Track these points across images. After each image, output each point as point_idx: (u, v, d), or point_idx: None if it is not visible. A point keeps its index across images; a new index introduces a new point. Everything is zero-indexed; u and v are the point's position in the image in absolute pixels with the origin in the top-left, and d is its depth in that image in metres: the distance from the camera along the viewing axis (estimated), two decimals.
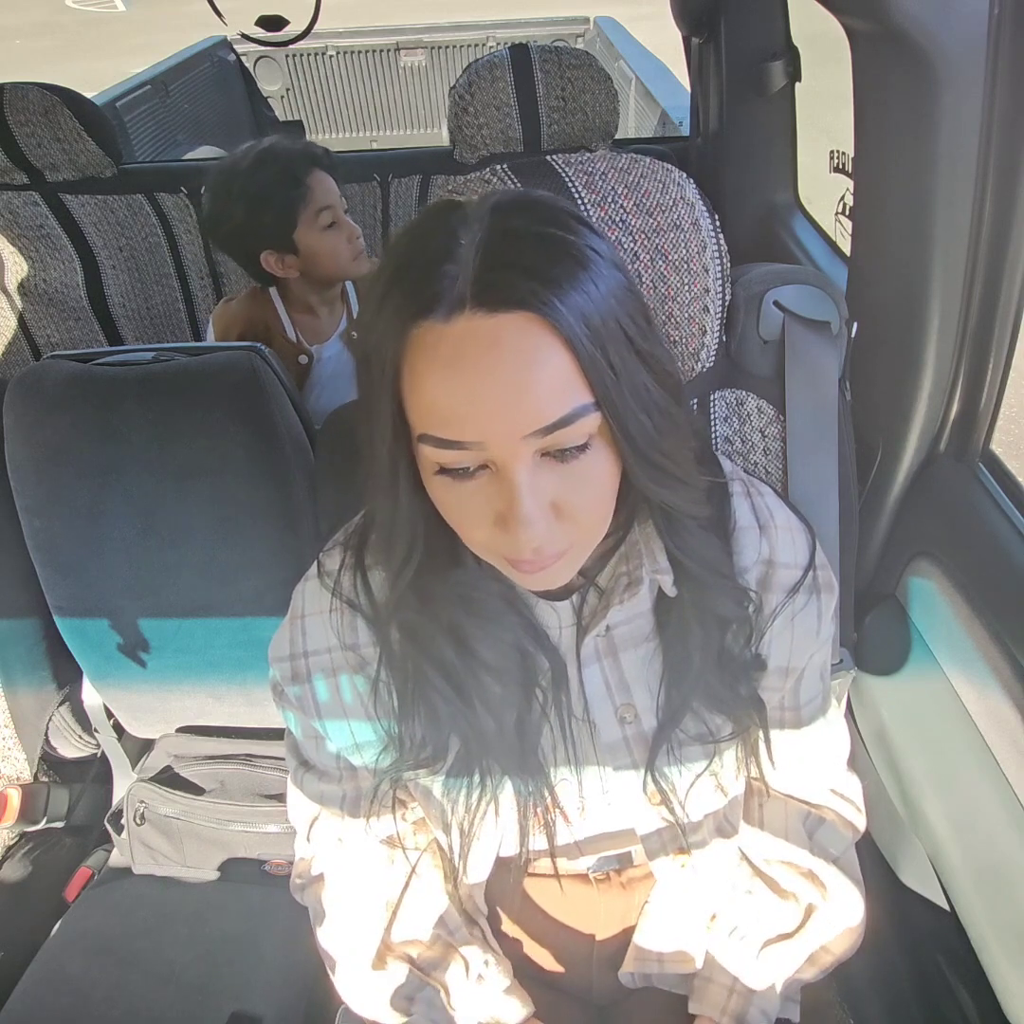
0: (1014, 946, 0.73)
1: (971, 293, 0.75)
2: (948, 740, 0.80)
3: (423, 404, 0.42)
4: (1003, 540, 0.75)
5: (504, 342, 0.40)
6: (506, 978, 0.68)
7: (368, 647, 0.57)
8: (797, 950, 0.67)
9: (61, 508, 0.93)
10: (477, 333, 0.40)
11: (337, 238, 1.22)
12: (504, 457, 0.42)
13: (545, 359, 0.41)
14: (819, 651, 0.63)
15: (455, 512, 0.46)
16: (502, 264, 0.40)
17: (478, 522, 0.46)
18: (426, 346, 0.41)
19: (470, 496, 0.45)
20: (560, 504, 0.45)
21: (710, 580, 0.54)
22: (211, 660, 1.00)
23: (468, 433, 0.42)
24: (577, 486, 0.45)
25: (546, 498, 0.44)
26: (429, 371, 0.41)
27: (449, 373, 0.41)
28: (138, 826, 1.08)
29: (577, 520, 0.46)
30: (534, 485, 0.43)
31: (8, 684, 1.05)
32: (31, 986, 0.94)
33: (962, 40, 0.64)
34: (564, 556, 0.47)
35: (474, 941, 0.68)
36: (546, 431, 0.42)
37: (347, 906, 0.68)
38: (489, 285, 0.40)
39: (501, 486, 0.44)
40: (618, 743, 0.59)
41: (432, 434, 0.43)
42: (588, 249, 0.42)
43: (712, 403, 0.73)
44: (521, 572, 0.48)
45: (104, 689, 1.07)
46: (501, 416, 0.41)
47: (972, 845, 0.79)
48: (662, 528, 0.52)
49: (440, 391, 0.41)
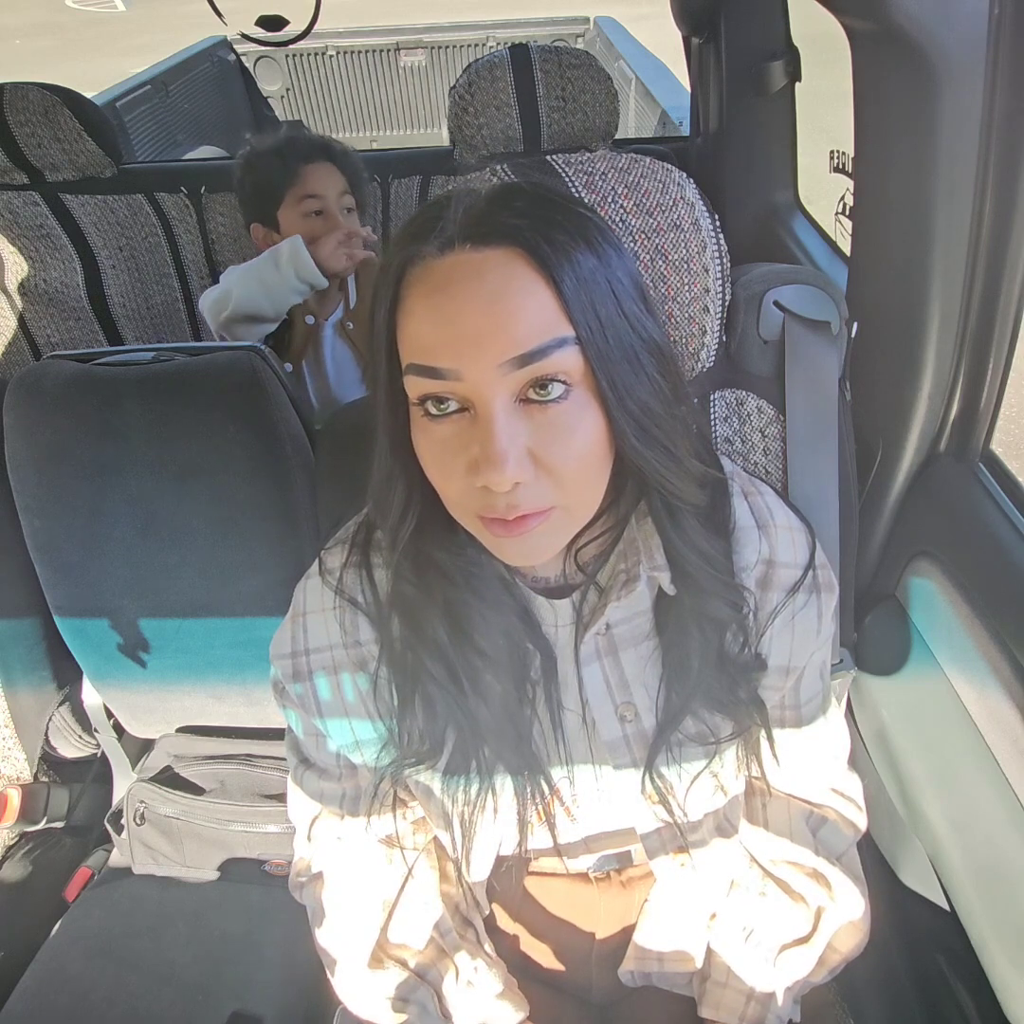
0: (1014, 946, 0.73)
1: (971, 293, 0.75)
2: (948, 740, 0.80)
3: (410, 334, 0.45)
4: (1003, 540, 0.74)
5: (488, 272, 0.43)
6: (498, 983, 0.68)
7: (369, 644, 0.57)
8: (812, 954, 0.67)
9: (61, 508, 0.93)
10: (464, 264, 0.43)
11: (318, 228, 1.25)
12: (480, 390, 0.43)
13: (527, 291, 0.43)
14: (819, 650, 0.63)
15: (433, 462, 0.47)
16: (494, 204, 0.44)
17: (453, 471, 0.45)
18: (418, 280, 0.44)
19: (447, 441, 0.45)
20: (539, 454, 0.44)
21: (707, 577, 0.53)
22: (211, 660, 1.00)
23: (444, 359, 0.43)
24: (558, 436, 0.45)
25: (522, 440, 0.44)
26: (418, 301, 0.44)
27: (434, 301, 0.43)
28: (138, 826, 1.08)
29: (560, 476, 0.45)
30: (509, 425, 0.44)
31: (8, 684, 1.05)
32: (31, 986, 0.94)
33: (962, 40, 0.64)
34: (544, 518, 0.46)
35: (464, 946, 0.68)
36: (522, 360, 0.42)
37: (345, 905, 0.68)
38: (478, 220, 0.44)
39: (476, 426, 0.44)
40: (618, 741, 0.59)
41: (415, 362, 0.44)
42: (582, 216, 0.45)
43: (712, 403, 0.73)
44: (495, 536, 0.46)
45: (104, 689, 1.07)
46: (474, 343, 0.42)
47: (972, 845, 0.79)
48: (663, 518, 0.52)
49: (424, 318, 0.44)
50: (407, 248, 0.45)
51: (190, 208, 1.67)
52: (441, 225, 0.44)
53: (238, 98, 3.28)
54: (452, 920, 0.69)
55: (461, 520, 0.49)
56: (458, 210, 0.44)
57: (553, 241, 0.43)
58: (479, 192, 0.45)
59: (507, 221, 0.43)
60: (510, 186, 0.47)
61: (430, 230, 0.44)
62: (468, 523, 0.48)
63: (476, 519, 0.47)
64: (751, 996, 0.68)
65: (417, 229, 0.45)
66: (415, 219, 0.46)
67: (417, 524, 0.51)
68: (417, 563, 0.52)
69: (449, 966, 0.67)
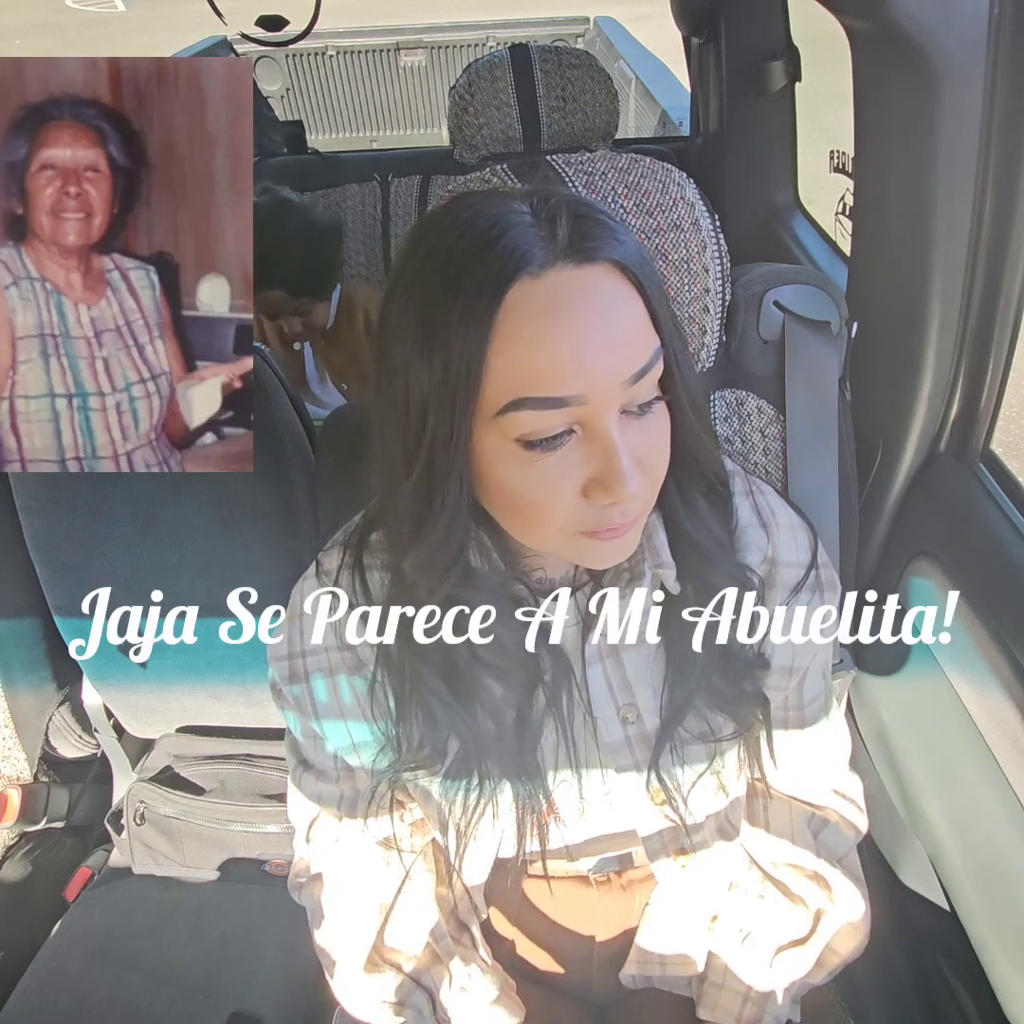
0: (1014, 946, 0.73)
1: (971, 293, 0.75)
2: (948, 740, 0.80)
3: (517, 365, 0.41)
4: (1003, 540, 0.74)
5: (595, 290, 0.42)
6: (493, 988, 0.68)
7: (365, 648, 0.57)
8: (809, 956, 0.67)
9: (61, 508, 0.93)
10: (570, 283, 0.41)
11: None
12: (599, 412, 0.42)
13: (627, 305, 0.43)
14: (822, 650, 0.63)
15: (534, 492, 0.44)
16: (586, 219, 0.43)
17: (562, 497, 0.44)
18: (518, 304, 0.41)
19: (553, 468, 0.44)
20: (642, 460, 0.45)
21: (716, 558, 0.54)
22: (211, 660, 1.00)
23: (569, 386, 0.41)
24: (653, 440, 0.46)
25: (632, 454, 0.44)
26: (524, 327, 0.41)
27: (546, 325, 0.41)
28: (138, 826, 1.08)
29: (655, 476, 0.47)
30: (624, 440, 0.43)
31: (8, 684, 1.05)
32: (31, 986, 0.94)
33: (962, 40, 0.64)
34: (639, 518, 0.48)
35: (459, 951, 0.68)
36: (637, 376, 0.43)
37: (342, 907, 0.68)
38: (581, 238, 0.42)
39: (591, 448, 0.43)
40: (620, 743, 0.59)
41: (529, 396, 0.41)
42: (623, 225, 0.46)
43: (712, 403, 0.73)
44: (600, 541, 0.47)
45: (104, 689, 1.07)
46: (602, 363, 0.41)
47: (972, 845, 0.79)
48: (676, 505, 0.53)
49: (537, 345, 0.41)
50: (498, 274, 0.41)
51: None
52: (532, 243, 0.41)
53: None
54: (447, 924, 0.68)
55: (545, 542, 0.48)
56: (547, 228, 0.42)
57: (635, 253, 0.44)
58: (554, 205, 0.43)
59: (602, 236, 0.43)
60: (576, 199, 0.45)
61: (522, 251, 0.41)
62: (558, 541, 0.47)
63: (576, 535, 0.47)
64: (747, 997, 0.68)
65: (501, 254, 0.41)
66: (486, 240, 0.41)
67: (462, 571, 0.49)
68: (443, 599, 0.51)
69: (444, 971, 0.67)
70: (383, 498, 0.51)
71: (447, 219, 0.44)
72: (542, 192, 0.44)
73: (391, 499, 0.49)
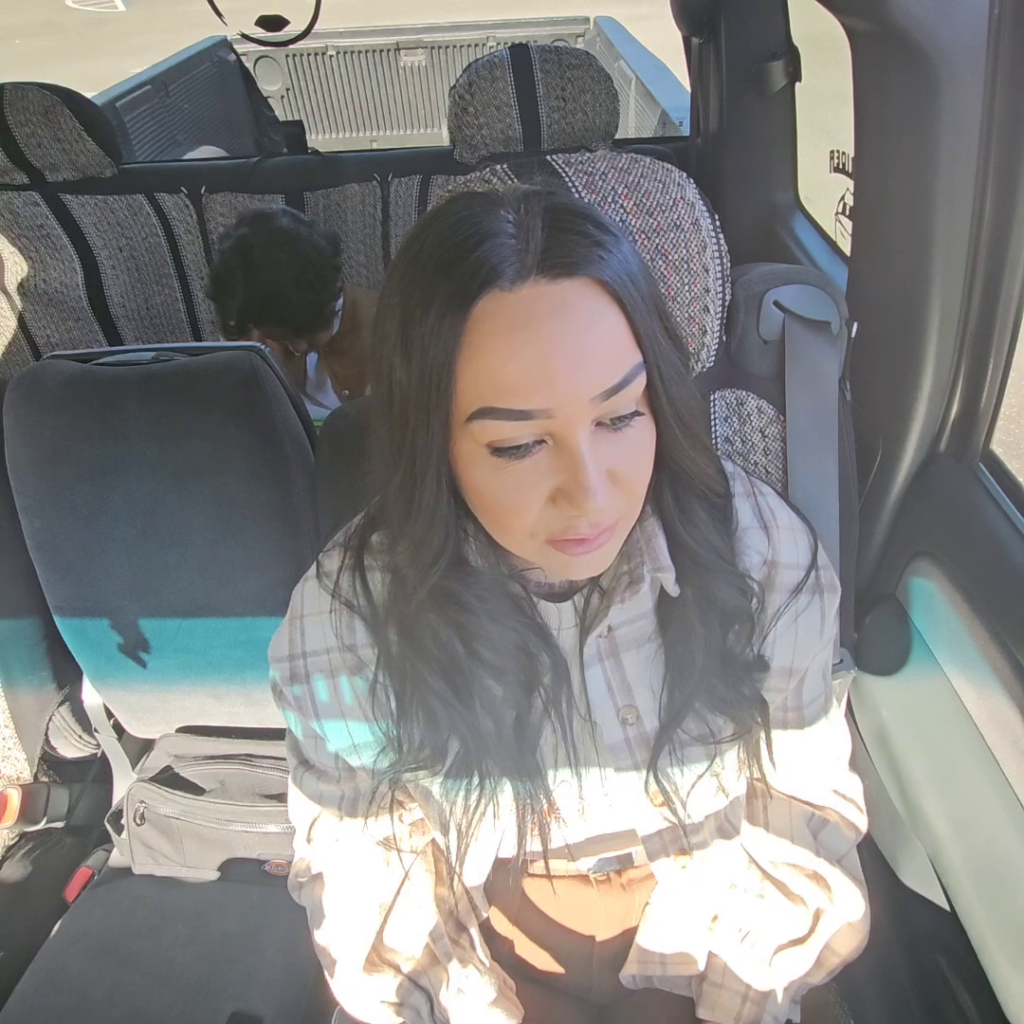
0: (1014, 946, 0.73)
1: (971, 293, 0.75)
2: (948, 740, 0.80)
3: (484, 375, 0.41)
4: (1003, 540, 0.74)
5: (569, 305, 0.41)
6: (491, 990, 0.68)
7: (366, 648, 0.57)
8: (808, 955, 0.67)
9: (61, 508, 0.92)
10: (543, 298, 0.41)
11: None
12: (568, 425, 0.42)
13: (605, 321, 0.42)
14: (822, 651, 0.63)
15: (504, 496, 0.45)
16: (566, 232, 0.42)
17: (530, 503, 0.45)
18: (488, 316, 0.41)
19: (523, 475, 0.44)
20: (615, 473, 0.45)
21: (714, 567, 0.53)
22: (211, 660, 1.00)
23: (536, 400, 0.41)
24: (629, 454, 0.45)
25: (603, 467, 0.44)
26: (493, 340, 0.41)
27: (515, 339, 0.40)
28: (138, 826, 1.08)
29: (629, 489, 0.46)
30: (593, 452, 0.43)
31: (8, 684, 1.05)
32: (31, 986, 0.94)
33: (962, 40, 0.64)
34: (613, 531, 0.47)
35: (456, 952, 0.68)
36: (609, 393, 0.42)
37: (342, 908, 0.68)
38: (556, 251, 0.41)
39: (560, 459, 0.43)
40: (620, 744, 0.59)
41: (496, 406, 0.41)
42: (616, 228, 0.44)
43: (712, 403, 0.73)
44: (568, 555, 0.47)
45: (104, 689, 1.07)
46: (570, 379, 0.41)
47: (972, 845, 0.79)
48: (672, 514, 0.52)
49: (505, 358, 0.41)
50: (470, 282, 0.40)
51: (190, 208, 1.67)
52: (506, 255, 0.40)
53: (238, 98, 3.28)
54: (445, 925, 0.68)
55: (522, 548, 0.48)
56: (524, 239, 0.41)
57: (619, 266, 0.42)
58: (535, 215, 0.42)
59: (581, 250, 0.41)
60: (564, 207, 0.43)
61: (494, 262, 0.40)
62: (532, 549, 0.48)
63: (545, 544, 0.47)
64: (747, 997, 0.68)
65: (474, 262, 0.40)
66: (459, 251, 0.41)
67: (445, 567, 0.50)
68: (432, 595, 0.51)
69: (442, 972, 0.67)
70: (379, 493, 0.52)
71: (436, 223, 0.44)
72: (532, 198, 0.43)
73: (384, 494, 0.50)
